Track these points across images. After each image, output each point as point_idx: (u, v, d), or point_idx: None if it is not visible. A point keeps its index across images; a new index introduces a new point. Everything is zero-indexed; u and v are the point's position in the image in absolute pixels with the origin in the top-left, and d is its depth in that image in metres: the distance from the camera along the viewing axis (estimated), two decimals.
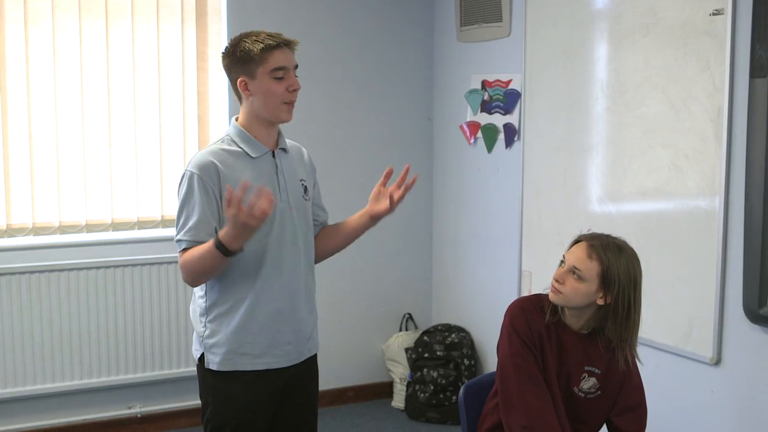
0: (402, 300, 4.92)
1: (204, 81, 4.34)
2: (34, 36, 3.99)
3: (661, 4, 3.29)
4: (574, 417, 2.50)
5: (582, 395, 2.49)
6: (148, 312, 4.25)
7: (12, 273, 3.98)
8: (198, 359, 2.59)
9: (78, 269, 4.10)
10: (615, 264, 2.36)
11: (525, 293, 4.05)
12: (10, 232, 4.03)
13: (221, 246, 2.37)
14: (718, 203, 3.10)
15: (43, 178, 4.06)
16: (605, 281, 2.37)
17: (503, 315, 2.52)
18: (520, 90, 4.14)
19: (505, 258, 4.30)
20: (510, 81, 4.22)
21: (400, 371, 4.74)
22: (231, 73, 2.53)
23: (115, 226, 4.22)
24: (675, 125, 3.25)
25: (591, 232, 2.50)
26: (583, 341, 2.48)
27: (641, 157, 3.40)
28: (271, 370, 2.56)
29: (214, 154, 2.50)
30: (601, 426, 2.57)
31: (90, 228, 4.17)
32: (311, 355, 2.71)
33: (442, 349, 4.53)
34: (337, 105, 4.65)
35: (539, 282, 3.95)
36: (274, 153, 2.58)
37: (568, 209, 3.80)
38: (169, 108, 4.28)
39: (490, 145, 4.39)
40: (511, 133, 4.22)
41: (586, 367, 2.47)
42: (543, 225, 3.98)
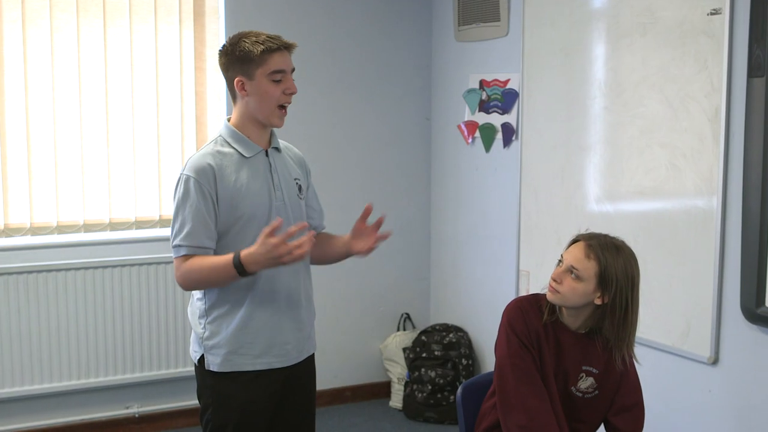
0: (400, 300, 4.91)
1: (202, 81, 4.34)
2: (31, 36, 3.99)
3: (659, 3, 3.29)
4: (571, 417, 2.50)
5: (580, 395, 2.49)
6: (146, 312, 4.24)
7: (9, 273, 3.98)
8: (197, 361, 2.58)
9: (76, 269, 4.10)
10: (612, 264, 2.36)
11: (523, 293, 4.06)
12: (7, 231, 4.03)
13: (240, 266, 2.38)
14: (715, 203, 3.10)
15: (41, 177, 4.06)
16: (603, 281, 2.36)
17: (501, 315, 2.52)
18: (518, 89, 4.14)
19: (503, 257, 4.30)
20: (508, 80, 4.22)
21: (397, 371, 4.73)
22: (228, 72, 2.53)
23: (113, 225, 4.22)
24: (673, 125, 3.25)
25: (589, 231, 2.50)
26: (581, 341, 2.48)
27: (639, 157, 3.41)
28: (271, 370, 2.56)
29: (209, 156, 2.49)
30: (599, 425, 2.57)
31: (88, 228, 4.17)
32: (309, 355, 2.71)
33: (439, 349, 4.53)
34: (335, 105, 4.64)
35: (537, 281, 3.95)
36: (267, 152, 2.58)
37: (566, 209, 3.81)
38: (167, 108, 4.27)
39: (488, 145, 4.39)
40: (509, 133, 4.22)
41: (583, 367, 2.47)
42: (541, 224, 3.98)
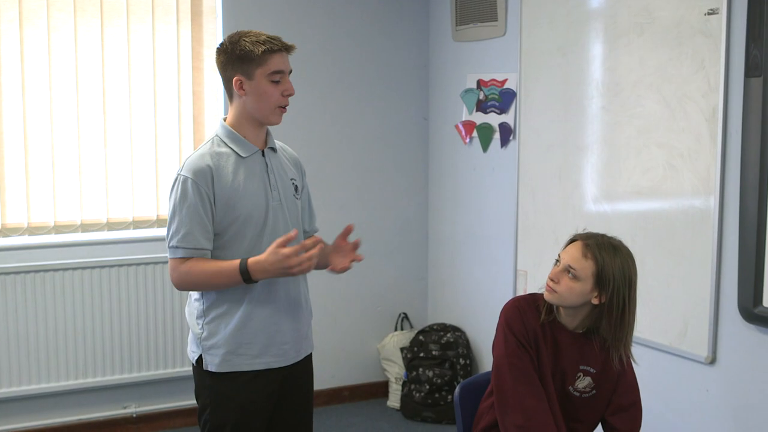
0: (397, 299, 4.91)
1: (199, 81, 4.34)
2: (28, 35, 3.98)
3: (656, 3, 3.29)
4: (569, 416, 2.50)
5: (577, 394, 2.49)
6: (143, 312, 4.24)
7: (7, 273, 3.98)
8: (195, 361, 2.58)
9: (73, 269, 4.10)
10: (610, 263, 2.36)
11: (520, 292, 4.06)
12: (5, 231, 4.03)
13: (246, 273, 2.40)
14: (713, 202, 3.10)
15: (38, 177, 4.06)
16: (600, 281, 2.37)
17: (498, 314, 2.52)
18: (515, 89, 4.14)
19: (501, 257, 4.30)
20: (505, 80, 4.22)
21: (395, 371, 4.73)
22: (226, 71, 2.52)
23: (111, 225, 4.22)
24: (670, 125, 3.25)
25: (586, 231, 2.50)
26: (578, 340, 2.48)
27: (636, 157, 3.41)
28: (269, 370, 2.56)
29: (207, 157, 2.49)
30: (597, 425, 2.57)
31: (85, 228, 4.16)
32: (307, 355, 2.71)
33: (437, 349, 4.53)
34: (333, 105, 4.64)
35: (535, 281, 3.95)
36: (263, 152, 2.58)
37: (563, 208, 3.81)
38: (165, 108, 4.27)
39: (485, 145, 4.39)
40: (507, 133, 4.22)
41: (581, 367, 2.47)
42: (538, 224, 3.98)
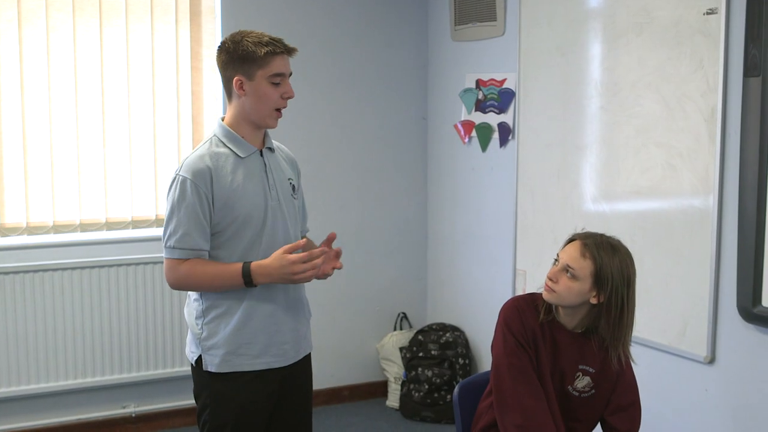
0: (396, 299, 4.91)
1: (198, 80, 4.34)
2: (27, 35, 3.98)
3: (655, 3, 3.29)
4: (568, 416, 2.50)
5: (576, 394, 2.49)
6: (142, 311, 4.24)
7: (6, 272, 3.97)
8: (194, 361, 2.57)
9: (72, 269, 4.10)
10: (608, 263, 2.36)
11: (519, 292, 4.06)
12: (3, 231, 4.02)
13: (248, 276, 2.41)
14: (711, 202, 3.10)
15: (37, 177, 4.05)
16: (598, 280, 2.36)
17: (498, 314, 2.52)
18: (514, 89, 4.14)
19: (500, 257, 4.30)
20: (504, 80, 4.22)
21: (394, 370, 4.73)
22: (227, 70, 2.51)
23: (110, 225, 4.22)
24: (669, 124, 3.25)
25: (585, 231, 2.50)
26: (577, 340, 2.48)
27: (635, 156, 3.41)
28: (269, 370, 2.56)
29: (206, 157, 2.48)
30: (596, 425, 2.57)
31: (84, 227, 4.16)
32: (306, 354, 2.71)
33: (436, 348, 4.53)
34: (332, 104, 4.64)
35: (533, 281, 3.95)
36: (261, 152, 2.58)
37: (562, 208, 3.81)
38: (164, 107, 4.27)
39: (484, 144, 4.39)
40: (506, 132, 4.22)
41: (580, 366, 2.48)
42: (537, 224, 3.98)
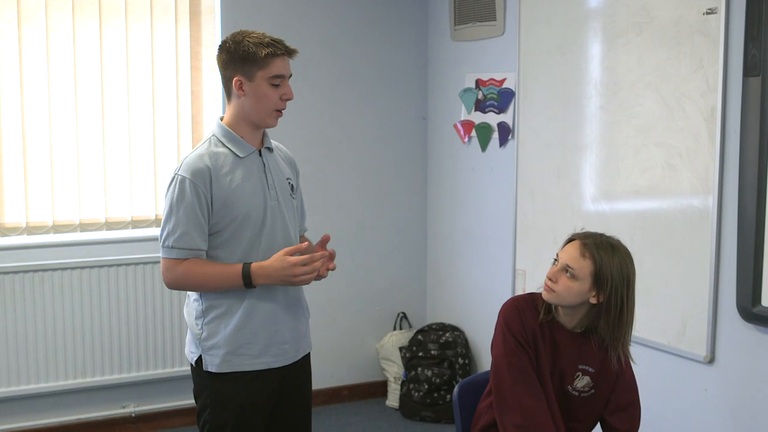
0: (396, 299, 4.91)
1: (198, 80, 4.34)
2: (27, 35, 3.98)
3: (655, 3, 3.29)
4: (568, 415, 2.50)
5: (576, 394, 2.49)
6: (142, 311, 4.24)
7: (5, 272, 3.97)
8: (194, 362, 2.57)
9: (72, 268, 4.09)
10: (608, 263, 2.36)
11: (519, 292, 4.06)
12: (3, 231, 4.02)
13: (248, 277, 2.42)
14: (711, 202, 3.10)
15: (37, 177, 4.05)
16: (598, 280, 2.36)
17: (497, 314, 2.52)
18: (514, 89, 4.14)
19: (500, 257, 4.30)
20: (504, 80, 4.22)
21: (394, 370, 4.73)
22: (227, 70, 2.51)
23: (109, 225, 4.21)
24: (669, 124, 3.25)
25: (585, 230, 2.50)
26: (577, 340, 2.48)
27: (635, 156, 3.41)
28: (270, 369, 2.56)
29: (205, 157, 2.48)
30: (595, 425, 2.57)
31: (84, 227, 4.16)
32: (305, 354, 2.71)
33: (436, 348, 4.53)
34: (332, 104, 4.64)
35: (533, 281, 3.95)
36: (260, 152, 2.58)
37: (562, 208, 3.81)
38: (163, 107, 4.27)
39: (484, 144, 4.39)
40: (505, 132, 4.22)
41: (579, 366, 2.48)
42: (537, 224, 3.98)
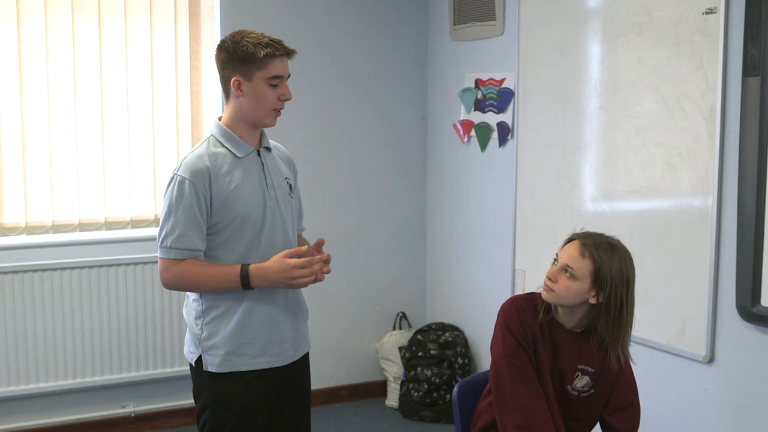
0: (396, 299, 4.91)
1: (197, 80, 4.33)
2: (26, 35, 3.98)
3: (654, 3, 3.29)
4: (568, 415, 2.50)
5: (576, 394, 2.49)
6: (141, 311, 4.24)
7: (5, 272, 3.97)
8: (194, 362, 2.57)
9: (71, 268, 4.09)
10: (607, 263, 2.36)
11: (519, 292, 4.06)
12: (2, 231, 4.02)
13: (246, 279, 2.42)
14: (711, 202, 3.10)
15: (36, 176, 4.05)
16: (597, 280, 2.36)
17: (497, 313, 2.52)
18: (513, 89, 4.14)
19: (499, 256, 4.30)
20: (503, 79, 4.22)
21: (394, 370, 4.73)
22: (225, 70, 2.51)
23: (109, 225, 4.21)
24: (668, 124, 3.25)
25: (584, 230, 2.50)
26: (577, 340, 2.48)
27: (635, 156, 3.41)
28: (269, 369, 2.56)
29: (205, 158, 2.48)
30: (595, 424, 2.58)
31: (83, 227, 4.16)
32: (305, 353, 2.71)
33: (435, 348, 4.53)
34: (331, 104, 4.64)
35: (533, 280, 3.95)
36: (259, 152, 2.58)
37: (561, 208, 3.81)
38: (163, 107, 4.27)
39: (483, 144, 4.39)
40: (505, 132, 4.22)
41: (579, 366, 2.48)
42: (537, 224, 3.98)
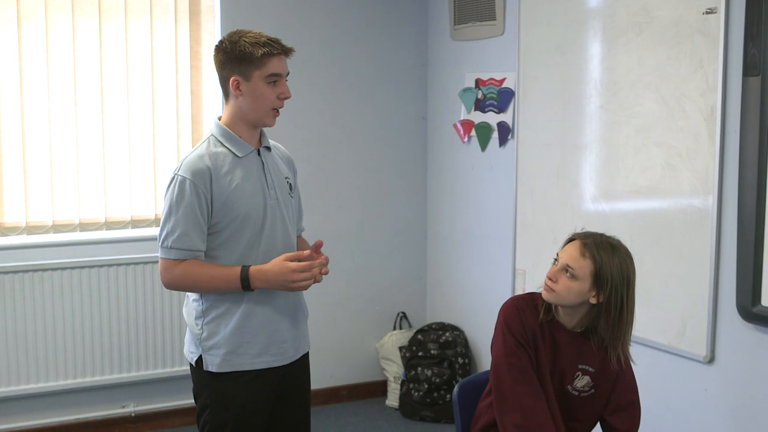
0: (396, 298, 4.91)
1: (197, 80, 4.33)
2: (26, 34, 3.98)
3: (655, 3, 3.29)
4: (568, 415, 2.50)
5: (576, 393, 2.49)
6: (141, 311, 4.24)
7: (5, 272, 3.97)
8: (194, 362, 2.57)
9: (71, 268, 4.09)
10: (608, 263, 2.36)
11: (519, 292, 4.06)
12: (3, 230, 4.02)
13: (246, 280, 2.43)
14: (711, 202, 3.10)
15: (37, 176, 4.05)
16: (598, 280, 2.36)
17: (497, 313, 2.52)
18: (513, 88, 4.14)
19: (499, 256, 4.30)
20: (504, 79, 4.21)
21: (394, 370, 4.73)
22: (224, 70, 2.51)
23: (109, 224, 4.21)
24: (668, 124, 3.25)
25: (585, 230, 2.50)
26: (577, 340, 2.48)
27: (635, 156, 3.41)
28: (269, 369, 2.56)
29: (205, 158, 2.48)
30: (595, 424, 2.57)
31: (84, 227, 4.16)
32: (305, 353, 2.71)
33: (436, 348, 4.53)
34: (332, 104, 4.64)
35: (533, 280, 3.95)
36: (259, 151, 2.58)
37: (562, 208, 3.81)
38: (163, 107, 4.27)
39: (483, 144, 4.39)
40: (505, 132, 4.22)
41: (579, 366, 2.47)
42: (537, 223, 3.98)
